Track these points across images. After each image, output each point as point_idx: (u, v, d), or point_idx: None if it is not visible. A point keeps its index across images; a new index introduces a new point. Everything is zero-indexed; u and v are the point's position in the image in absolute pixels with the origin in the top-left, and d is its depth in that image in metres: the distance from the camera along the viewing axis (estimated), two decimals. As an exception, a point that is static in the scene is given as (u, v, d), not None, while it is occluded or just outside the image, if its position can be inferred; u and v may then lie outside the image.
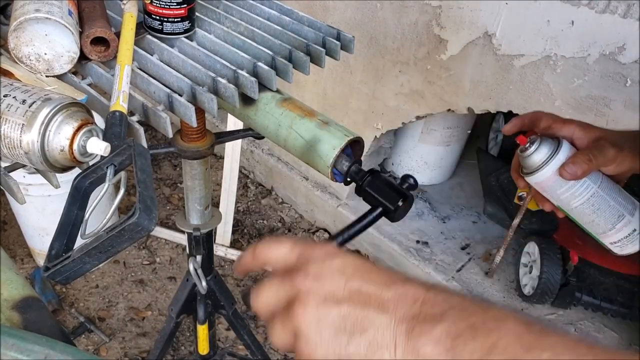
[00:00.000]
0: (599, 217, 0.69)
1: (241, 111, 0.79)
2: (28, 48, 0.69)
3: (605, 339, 1.96)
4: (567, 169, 0.65)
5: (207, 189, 1.04)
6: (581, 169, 0.65)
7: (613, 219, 0.69)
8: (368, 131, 2.09)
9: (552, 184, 0.68)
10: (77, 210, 0.63)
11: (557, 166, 0.67)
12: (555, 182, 0.68)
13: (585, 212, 0.69)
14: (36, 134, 0.57)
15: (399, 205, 0.68)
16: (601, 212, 0.68)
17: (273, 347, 1.98)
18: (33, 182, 1.76)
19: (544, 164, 0.68)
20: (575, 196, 0.68)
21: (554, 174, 0.67)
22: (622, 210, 0.68)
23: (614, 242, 0.71)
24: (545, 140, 0.69)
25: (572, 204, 0.69)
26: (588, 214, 0.69)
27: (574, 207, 0.69)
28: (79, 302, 2.06)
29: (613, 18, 1.32)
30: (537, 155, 0.68)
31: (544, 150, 0.68)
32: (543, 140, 0.69)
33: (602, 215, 0.69)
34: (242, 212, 2.53)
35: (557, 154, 0.67)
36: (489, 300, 0.64)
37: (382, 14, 1.79)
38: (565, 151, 0.67)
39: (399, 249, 2.20)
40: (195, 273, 1.12)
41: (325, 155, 0.70)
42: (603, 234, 0.71)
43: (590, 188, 0.67)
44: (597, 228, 0.70)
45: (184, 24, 0.81)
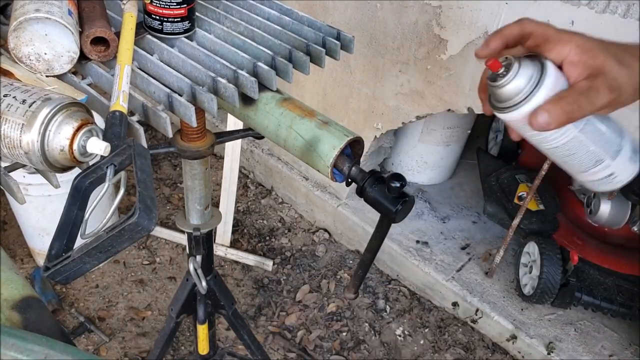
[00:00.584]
0: (572, 160, 0.59)
1: (241, 111, 0.79)
2: (28, 48, 0.69)
3: (605, 339, 1.96)
4: (538, 118, 0.52)
5: (207, 189, 1.04)
6: (556, 122, 0.51)
7: (588, 163, 0.58)
8: (368, 131, 2.09)
9: (524, 125, 0.55)
10: (77, 210, 0.63)
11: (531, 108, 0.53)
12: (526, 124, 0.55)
13: (558, 154, 0.59)
14: (36, 134, 0.57)
15: (399, 207, 0.68)
16: (576, 156, 0.58)
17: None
18: (33, 182, 1.76)
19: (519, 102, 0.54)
20: (548, 140, 0.57)
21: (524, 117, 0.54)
22: (602, 155, 0.58)
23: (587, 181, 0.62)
24: (525, 66, 0.54)
25: (544, 146, 0.58)
26: (561, 156, 0.59)
27: (546, 149, 0.59)
28: (79, 302, 2.06)
29: (613, 18, 1.32)
30: (511, 87, 0.54)
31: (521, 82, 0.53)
32: (522, 67, 0.54)
33: (577, 159, 0.58)
34: (242, 212, 2.53)
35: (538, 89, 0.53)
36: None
37: (382, 14, 1.79)
38: (547, 87, 0.53)
39: (399, 249, 2.20)
40: (195, 273, 1.12)
41: (325, 155, 0.71)
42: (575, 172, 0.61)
43: (568, 133, 0.56)
44: (571, 167, 0.61)
45: (184, 24, 0.81)
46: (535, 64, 0.54)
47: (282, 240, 2.42)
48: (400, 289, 2.25)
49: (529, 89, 0.53)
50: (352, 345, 2.03)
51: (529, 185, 2.16)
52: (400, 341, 2.07)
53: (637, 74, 0.53)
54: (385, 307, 2.17)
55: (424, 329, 2.11)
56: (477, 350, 2.05)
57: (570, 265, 1.91)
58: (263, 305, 2.14)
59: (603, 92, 0.51)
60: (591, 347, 1.93)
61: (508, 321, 1.99)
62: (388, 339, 2.07)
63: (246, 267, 2.29)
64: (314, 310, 2.14)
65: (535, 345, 1.92)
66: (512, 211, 2.09)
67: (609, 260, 1.96)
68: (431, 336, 2.09)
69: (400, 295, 2.23)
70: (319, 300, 2.18)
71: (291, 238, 2.44)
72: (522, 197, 2.13)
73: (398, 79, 1.88)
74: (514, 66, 0.54)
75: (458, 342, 2.07)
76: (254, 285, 2.21)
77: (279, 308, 2.14)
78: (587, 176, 0.60)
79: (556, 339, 1.94)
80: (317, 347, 2.02)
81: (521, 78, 0.53)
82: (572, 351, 1.90)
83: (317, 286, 2.23)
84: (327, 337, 2.05)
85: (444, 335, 2.10)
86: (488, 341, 2.07)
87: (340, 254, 2.38)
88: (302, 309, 2.14)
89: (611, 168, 0.59)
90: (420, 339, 2.08)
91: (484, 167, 2.36)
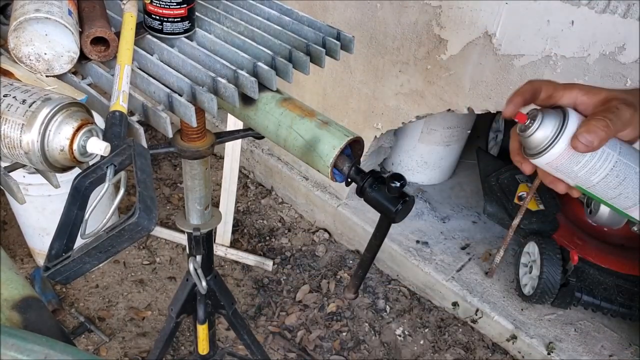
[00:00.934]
0: (625, 189, 0.59)
1: (241, 111, 0.79)
2: (28, 48, 0.69)
3: (605, 339, 1.96)
4: (581, 140, 0.55)
5: (207, 189, 1.04)
6: (598, 138, 0.55)
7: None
8: (368, 131, 2.09)
9: (566, 161, 0.58)
10: (77, 210, 0.63)
11: (568, 139, 0.57)
12: (570, 158, 0.57)
13: (610, 185, 0.59)
14: (36, 134, 0.57)
15: (399, 207, 0.68)
16: (627, 182, 0.58)
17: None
18: (33, 182, 1.76)
19: (553, 139, 0.57)
20: (595, 170, 0.58)
21: (567, 149, 0.57)
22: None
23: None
24: (547, 113, 0.59)
25: (593, 179, 0.59)
26: (613, 187, 0.59)
27: (596, 182, 0.59)
28: (79, 302, 2.06)
29: (613, 18, 1.32)
30: (543, 131, 0.58)
31: (550, 125, 0.58)
32: (545, 113, 0.59)
33: (629, 186, 0.58)
34: (242, 212, 2.53)
35: (566, 126, 0.57)
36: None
37: (382, 14, 1.79)
38: (574, 121, 0.57)
39: (399, 249, 2.20)
40: (195, 273, 1.12)
41: (325, 155, 0.71)
42: (632, 207, 0.60)
43: (611, 157, 0.57)
44: (624, 202, 0.60)
45: (184, 24, 0.81)
46: (556, 111, 0.59)
47: (282, 240, 2.42)
48: (400, 289, 2.25)
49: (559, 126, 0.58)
50: (352, 345, 2.03)
51: (529, 185, 2.16)
52: (400, 341, 2.07)
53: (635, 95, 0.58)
54: (385, 307, 2.17)
55: (424, 329, 2.11)
56: (477, 350, 2.05)
57: (570, 265, 1.91)
58: (263, 305, 2.14)
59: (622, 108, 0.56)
60: (591, 347, 1.93)
61: (508, 321, 1.99)
62: (388, 339, 2.07)
63: (246, 267, 2.29)
64: (314, 310, 2.14)
65: (535, 345, 1.92)
66: (512, 211, 2.09)
67: (609, 260, 1.96)
68: (431, 336, 2.09)
69: (400, 295, 2.23)
70: (319, 300, 2.18)
71: (291, 238, 2.44)
72: (522, 197, 2.13)
73: (398, 79, 1.88)
74: (539, 115, 0.59)
75: (458, 342, 2.07)
76: (254, 285, 2.21)
77: (279, 308, 2.14)
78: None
79: (556, 339, 1.94)
80: (317, 347, 2.02)
81: (548, 122, 0.58)
82: (572, 351, 1.90)
83: (317, 286, 2.23)
84: (327, 337, 2.05)
85: (444, 335, 2.10)
86: (488, 341, 2.07)
87: (340, 254, 2.38)
88: (302, 309, 2.14)
89: None
90: (420, 339, 2.08)
91: (484, 167, 2.36)
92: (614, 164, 0.58)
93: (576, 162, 0.58)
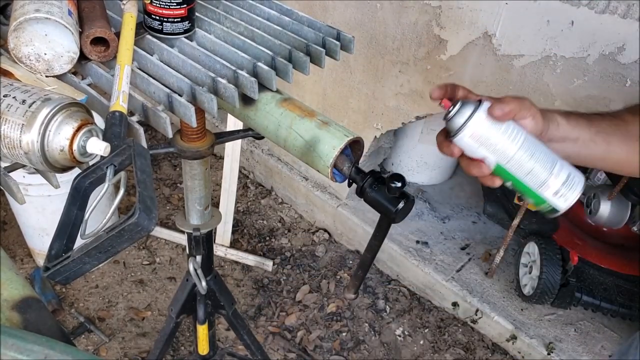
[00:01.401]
0: (536, 162, 0.66)
1: (241, 111, 0.79)
2: (28, 48, 0.69)
3: (605, 339, 1.96)
4: (496, 108, 0.65)
5: (207, 189, 1.04)
6: (509, 107, 0.65)
7: (550, 163, 0.66)
8: (368, 131, 2.09)
9: (485, 132, 0.66)
10: (77, 210, 0.63)
11: (485, 112, 0.66)
12: (488, 128, 0.66)
13: (524, 158, 0.66)
14: (36, 134, 0.57)
15: (399, 208, 0.69)
16: (537, 156, 0.66)
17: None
18: (33, 182, 1.76)
19: (473, 114, 0.66)
20: (512, 139, 0.66)
21: (485, 119, 0.66)
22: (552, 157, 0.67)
23: (556, 192, 0.68)
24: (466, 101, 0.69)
25: (510, 150, 0.66)
26: (526, 160, 0.66)
27: (513, 154, 0.66)
28: (78, 302, 2.06)
29: (613, 18, 1.32)
30: (464, 111, 0.67)
31: (470, 105, 0.67)
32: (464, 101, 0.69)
33: (539, 160, 0.66)
34: (242, 212, 2.53)
35: (482, 104, 0.67)
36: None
37: (382, 14, 1.79)
38: (489, 102, 0.67)
39: (399, 249, 2.20)
40: (195, 273, 1.12)
41: (325, 155, 0.71)
42: (544, 184, 0.67)
43: (521, 133, 0.66)
44: (536, 178, 0.67)
45: (183, 24, 0.81)
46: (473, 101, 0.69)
47: (282, 240, 2.42)
48: (400, 289, 2.25)
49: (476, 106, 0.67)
50: (352, 345, 2.03)
51: (529, 186, 2.15)
52: (400, 341, 2.07)
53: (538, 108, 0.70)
54: (385, 307, 2.17)
55: (423, 329, 2.11)
56: (477, 351, 2.05)
57: (570, 266, 1.91)
58: (263, 305, 2.14)
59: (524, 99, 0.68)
60: (591, 347, 1.93)
61: (508, 321, 1.99)
62: (388, 339, 2.07)
63: (246, 267, 2.29)
64: (314, 311, 2.14)
65: (535, 346, 1.92)
66: (512, 211, 2.09)
67: (609, 260, 1.96)
68: (431, 336, 2.09)
69: (400, 295, 2.23)
70: (319, 300, 2.18)
71: (291, 238, 2.44)
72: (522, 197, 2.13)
73: (398, 79, 1.88)
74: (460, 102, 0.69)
75: (458, 342, 2.07)
76: (254, 286, 2.21)
77: (279, 308, 2.14)
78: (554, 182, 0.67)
79: (556, 339, 1.94)
80: (317, 347, 2.02)
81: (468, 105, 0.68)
82: (572, 351, 1.90)
83: (317, 286, 2.23)
84: (327, 337, 2.05)
85: (444, 335, 2.10)
86: (488, 341, 2.07)
87: (340, 254, 2.38)
88: (302, 309, 2.14)
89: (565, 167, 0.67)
90: (420, 339, 2.08)
91: (484, 167, 2.35)
92: (524, 138, 0.66)
93: (494, 132, 0.66)
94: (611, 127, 0.74)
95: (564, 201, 0.68)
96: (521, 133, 0.67)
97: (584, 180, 0.68)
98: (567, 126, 0.72)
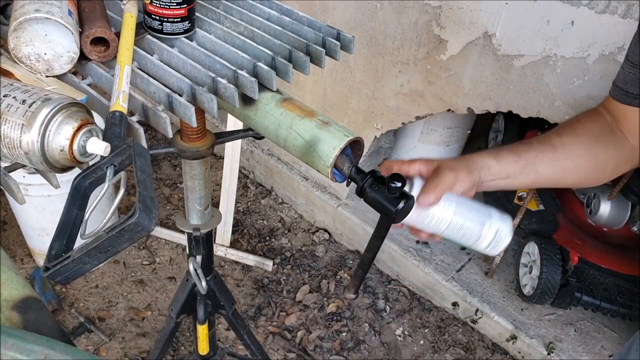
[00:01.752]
0: (466, 231, 0.75)
1: (241, 111, 0.79)
2: (28, 48, 0.69)
3: (605, 339, 1.96)
4: (420, 199, 0.73)
5: (207, 189, 1.04)
6: (433, 195, 0.73)
7: (477, 230, 0.75)
8: (368, 131, 2.09)
9: (418, 217, 0.75)
10: (77, 210, 0.63)
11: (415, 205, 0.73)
12: (420, 214, 0.74)
13: (454, 230, 0.76)
14: (36, 134, 0.57)
15: (399, 207, 0.69)
16: (466, 226, 0.75)
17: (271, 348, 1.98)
18: (33, 182, 1.76)
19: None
20: (440, 221, 0.75)
21: (417, 210, 0.73)
22: (482, 217, 0.76)
23: (487, 246, 0.77)
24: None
25: (441, 228, 0.76)
26: (457, 231, 0.76)
27: (444, 229, 0.76)
28: (78, 302, 2.06)
29: (613, 18, 1.32)
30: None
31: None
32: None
33: (468, 229, 0.75)
34: (242, 212, 2.53)
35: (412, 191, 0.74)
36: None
37: (382, 14, 1.79)
38: (418, 187, 0.75)
39: (399, 249, 2.20)
40: (195, 273, 1.12)
41: (325, 155, 0.71)
42: (476, 242, 0.77)
43: (449, 209, 0.74)
44: (468, 240, 0.77)
45: (183, 24, 0.81)
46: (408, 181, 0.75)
47: (282, 240, 2.42)
48: (400, 289, 2.25)
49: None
50: (352, 345, 2.03)
51: (529, 186, 2.15)
52: (400, 341, 2.07)
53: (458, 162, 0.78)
54: (385, 307, 2.17)
55: (424, 329, 2.11)
56: (477, 351, 2.05)
57: (570, 266, 1.91)
58: (263, 305, 2.14)
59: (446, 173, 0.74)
60: (591, 347, 1.93)
61: (508, 321, 1.99)
62: (388, 339, 2.07)
63: (246, 267, 2.29)
64: (314, 311, 2.14)
65: (535, 346, 1.92)
66: (512, 211, 2.09)
67: (609, 260, 1.96)
68: (431, 336, 2.09)
69: (400, 295, 2.23)
70: (319, 300, 2.18)
71: (291, 238, 2.44)
72: (522, 197, 2.13)
73: (398, 79, 1.88)
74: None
75: (458, 342, 2.07)
76: (254, 286, 2.21)
77: (279, 308, 2.14)
78: (483, 242, 0.76)
79: (556, 339, 1.94)
80: (317, 347, 2.02)
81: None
82: (572, 351, 1.90)
83: (317, 286, 2.23)
84: (327, 337, 2.05)
85: (444, 335, 2.10)
86: (488, 341, 2.08)
87: (340, 254, 2.38)
88: (302, 309, 2.14)
89: (494, 224, 0.76)
90: (420, 339, 2.08)
91: (484, 167, 2.35)
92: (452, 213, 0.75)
93: (425, 216, 0.75)
94: (539, 156, 0.81)
95: (495, 250, 0.78)
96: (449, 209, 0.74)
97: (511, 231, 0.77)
98: (497, 167, 0.80)
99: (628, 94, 0.80)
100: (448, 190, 0.74)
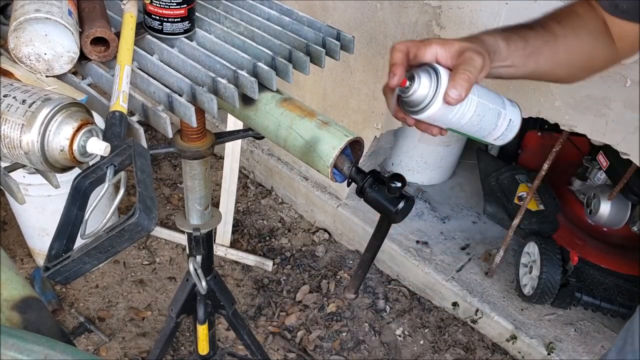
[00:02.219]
0: (484, 123, 0.72)
1: (241, 111, 0.79)
2: (28, 48, 0.69)
3: (605, 339, 1.96)
4: (452, 95, 0.65)
5: (207, 189, 1.04)
6: (464, 89, 0.65)
7: (494, 119, 0.72)
8: (368, 131, 2.09)
9: (443, 113, 0.69)
10: (77, 210, 0.63)
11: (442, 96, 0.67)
12: (445, 110, 0.68)
13: (474, 123, 0.71)
14: (36, 134, 0.57)
15: (399, 208, 0.69)
16: (485, 118, 0.71)
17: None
18: (33, 182, 1.76)
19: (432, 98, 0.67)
20: (464, 114, 0.70)
21: (442, 104, 0.67)
22: (498, 108, 0.72)
23: (497, 137, 0.74)
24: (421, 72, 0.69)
25: (463, 122, 0.71)
26: (475, 124, 0.72)
27: (464, 123, 0.71)
28: (78, 302, 2.06)
29: (613, 18, 1.32)
30: (421, 91, 0.68)
31: (426, 85, 0.68)
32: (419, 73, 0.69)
33: (486, 120, 0.72)
34: (242, 212, 2.53)
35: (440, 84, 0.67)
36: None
37: (382, 14, 1.79)
38: (445, 77, 0.67)
39: (399, 249, 2.20)
40: (195, 273, 1.12)
41: (325, 155, 0.71)
42: (488, 135, 0.74)
43: (473, 101, 0.69)
44: (482, 132, 0.73)
45: (183, 24, 0.81)
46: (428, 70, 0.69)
47: (282, 240, 2.42)
48: (400, 289, 2.25)
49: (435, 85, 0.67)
50: (352, 345, 2.03)
51: (529, 185, 2.16)
52: (400, 341, 2.07)
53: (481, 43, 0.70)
54: (385, 307, 2.17)
55: (424, 329, 2.11)
56: (477, 351, 2.05)
57: (570, 266, 1.91)
58: (263, 305, 2.14)
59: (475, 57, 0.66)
60: (591, 347, 1.93)
61: (508, 321, 1.99)
62: (388, 339, 2.07)
63: (246, 267, 2.29)
64: (314, 311, 2.14)
65: (535, 346, 1.92)
66: (512, 211, 2.09)
67: (609, 260, 1.96)
68: (431, 336, 2.09)
69: (400, 295, 2.23)
70: (319, 300, 2.18)
71: (291, 238, 2.44)
72: (522, 197, 2.13)
73: (398, 79, 1.88)
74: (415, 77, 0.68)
75: (458, 342, 2.07)
76: (254, 286, 2.21)
77: (279, 308, 2.14)
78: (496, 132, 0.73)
79: (556, 339, 1.94)
80: (317, 347, 2.02)
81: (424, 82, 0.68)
82: (572, 351, 1.90)
83: (317, 286, 2.23)
84: (327, 337, 2.05)
85: (444, 335, 2.10)
86: (488, 341, 2.07)
87: (340, 254, 2.38)
88: (302, 309, 2.14)
89: (507, 115, 0.73)
90: (420, 339, 2.08)
91: (484, 167, 2.36)
92: (475, 106, 0.69)
93: (450, 111, 0.69)
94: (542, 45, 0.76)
95: (502, 141, 0.76)
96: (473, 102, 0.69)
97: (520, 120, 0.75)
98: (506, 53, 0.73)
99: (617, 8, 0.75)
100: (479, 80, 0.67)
